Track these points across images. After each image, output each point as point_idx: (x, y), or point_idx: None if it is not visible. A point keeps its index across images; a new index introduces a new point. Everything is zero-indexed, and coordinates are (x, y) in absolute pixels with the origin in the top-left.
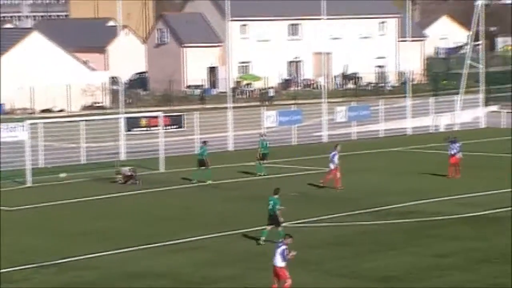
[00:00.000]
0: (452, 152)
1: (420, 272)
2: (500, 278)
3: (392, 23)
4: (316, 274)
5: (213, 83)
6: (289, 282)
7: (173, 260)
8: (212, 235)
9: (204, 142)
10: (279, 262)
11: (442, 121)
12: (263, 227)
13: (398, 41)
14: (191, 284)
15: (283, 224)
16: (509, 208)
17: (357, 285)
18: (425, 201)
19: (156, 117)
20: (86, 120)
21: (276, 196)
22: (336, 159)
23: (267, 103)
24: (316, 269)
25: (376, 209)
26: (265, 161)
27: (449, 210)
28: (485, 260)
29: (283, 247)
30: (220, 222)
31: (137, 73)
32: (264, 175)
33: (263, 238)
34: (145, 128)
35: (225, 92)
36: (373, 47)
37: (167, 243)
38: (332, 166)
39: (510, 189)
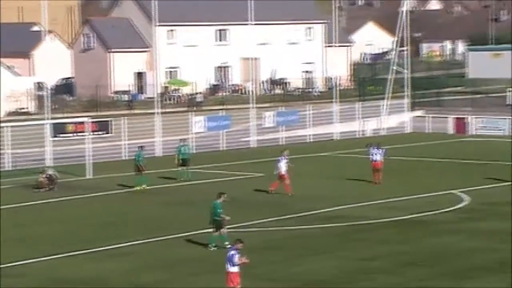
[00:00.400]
0: (375, 158)
1: (347, 276)
2: (425, 281)
3: (318, 29)
4: (246, 278)
5: (141, 89)
6: None
7: (101, 266)
8: (142, 241)
9: (141, 147)
10: (228, 267)
11: (368, 126)
12: (196, 232)
13: (325, 46)
14: None
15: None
16: (435, 212)
17: None
18: (351, 205)
19: (82, 122)
20: (11, 126)
21: (219, 201)
22: (284, 164)
23: (195, 108)
24: (246, 273)
25: (304, 214)
26: (186, 167)
27: (375, 214)
28: (411, 263)
29: (232, 252)
30: (150, 228)
31: (63, 79)
32: (188, 180)
33: (213, 244)
34: (71, 134)
35: (152, 98)
36: (300, 53)
37: (96, 249)
38: (281, 171)
39: (435, 193)
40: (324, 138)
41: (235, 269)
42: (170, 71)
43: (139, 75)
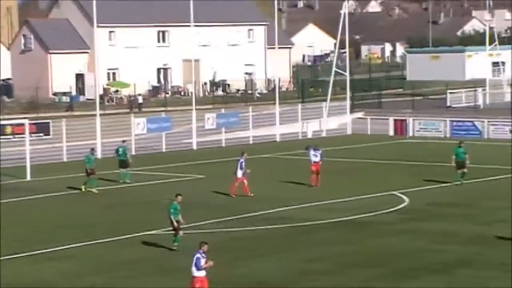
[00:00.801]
0: (314, 159)
1: (290, 277)
2: (368, 282)
3: (260, 31)
4: (185, 281)
5: (81, 90)
6: None
7: (41, 269)
8: (80, 243)
9: (92, 150)
10: (194, 271)
11: (310, 128)
12: (138, 234)
13: (266, 48)
14: None
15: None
16: (376, 213)
17: None
18: (293, 207)
19: (22, 124)
20: None
21: (177, 202)
22: (243, 166)
23: (136, 110)
24: (185, 276)
25: (247, 215)
26: (125, 168)
27: (318, 216)
28: (354, 264)
29: (198, 255)
30: (88, 230)
31: (1, 80)
32: (128, 182)
33: (176, 244)
34: (10, 136)
35: (93, 99)
36: (242, 55)
37: (34, 252)
38: (239, 174)
39: (376, 194)
40: (266, 140)
41: (201, 273)
42: (111, 73)
43: (79, 77)
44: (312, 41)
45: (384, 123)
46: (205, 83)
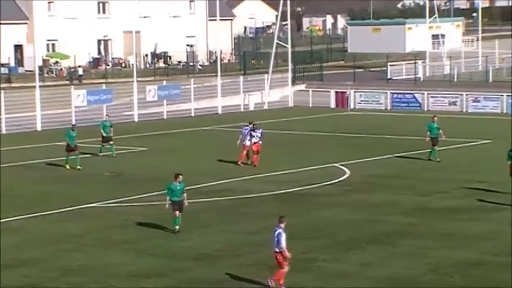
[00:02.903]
0: (254, 141)
1: (232, 249)
2: (309, 253)
3: (201, 3)
4: (129, 253)
5: (20, 62)
6: (284, 270)
7: None
8: (23, 216)
9: (73, 125)
10: (275, 246)
11: (251, 100)
12: (80, 207)
13: (208, 20)
14: (2, 267)
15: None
16: (317, 185)
17: (172, 263)
18: (235, 179)
19: None
20: None
21: (178, 181)
22: (254, 135)
23: (76, 82)
24: (129, 248)
25: (188, 188)
26: (108, 142)
27: (260, 188)
28: (296, 236)
29: (279, 230)
30: (31, 203)
31: None
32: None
33: (177, 227)
34: None
35: (32, 71)
36: (183, 26)
37: None
38: (248, 142)
39: (317, 166)
40: (208, 112)
41: (282, 246)
42: (50, 44)
43: (18, 48)
44: (254, 12)
45: (325, 95)
46: (146, 55)
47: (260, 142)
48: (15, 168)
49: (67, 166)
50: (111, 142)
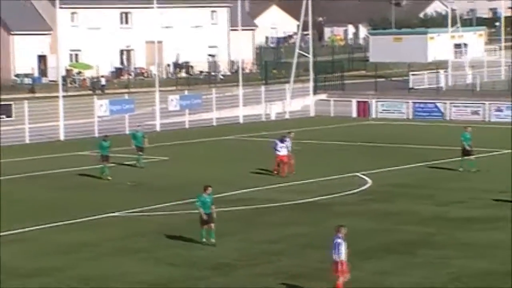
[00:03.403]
0: (283, 153)
1: (250, 259)
2: (325, 263)
3: (223, 13)
4: (148, 262)
5: (43, 72)
6: (343, 278)
7: (1, 252)
8: (42, 226)
9: (105, 136)
10: (335, 256)
11: (273, 110)
12: (94, 218)
13: (229, 30)
14: (20, 277)
15: None
16: (338, 194)
17: (190, 272)
18: (256, 188)
19: None
20: None
21: (208, 193)
22: (289, 146)
23: (99, 92)
24: (148, 257)
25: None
26: (141, 153)
27: (280, 197)
28: (313, 245)
29: (337, 240)
30: (51, 213)
31: None
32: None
33: (204, 240)
34: None
35: (55, 81)
36: (205, 36)
37: None
38: (283, 152)
39: (339, 176)
40: (229, 122)
41: (342, 256)
42: (74, 54)
43: (42, 58)
44: (276, 22)
45: (347, 104)
46: (168, 65)
47: (288, 154)
48: (37, 178)
49: (103, 177)
50: (141, 153)
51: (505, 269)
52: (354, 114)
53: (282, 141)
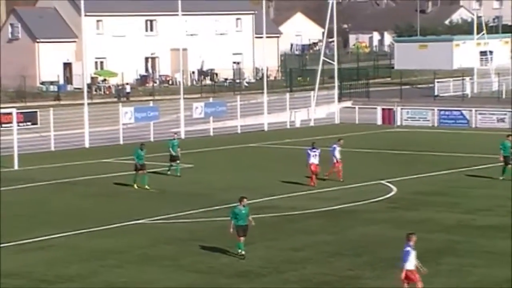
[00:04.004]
0: (313, 161)
1: (275, 266)
2: (353, 271)
3: (248, 20)
4: (171, 269)
5: (68, 79)
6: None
7: (25, 258)
8: (67, 233)
9: (142, 145)
10: (405, 264)
11: (298, 117)
12: (122, 224)
13: (254, 37)
14: (45, 282)
15: None
16: (363, 202)
17: (214, 280)
18: (281, 196)
19: (9, 113)
20: None
21: (243, 205)
22: (338, 152)
23: (123, 99)
24: (172, 264)
25: (232, 205)
26: (175, 162)
27: (305, 205)
28: (339, 253)
29: (407, 248)
30: (75, 220)
31: None
32: (178, 175)
33: (240, 250)
34: None
35: (80, 88)
36: (230, 44)
37: (20, 241)
38: (335, 159)
39: (363, 183)
40: (254, 129)
41: (411, 265)
42: (99, 62)
43: (67, 66)
44: (300, 30)
45: (372, 112)
46: (193, 72)
47: (338, 161)
48: (62, 185)
49: (135, 186)
50: (178, 161)
51: None
52: (379, 122)
53: (312, 149)
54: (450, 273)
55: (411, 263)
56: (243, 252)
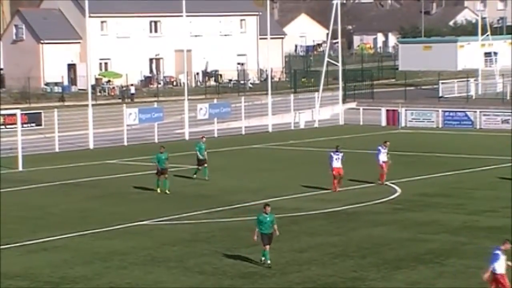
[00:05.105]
0: (336, 165)
1: (280, 267)
2: (357, 272)
3: (252, 21)
4: (176, 271)
5: (73, 80)
6: None
7: (29, 260)
8: (71, 234)
9: (162, 147)
10: (495, 268)
11: (302, 118)
12: (127, 225)
13: (259, 38)
14: (49, 284)
15: None
16: (367, 203)
17: (219, 281)
18: (284, 197)
19: (13, 114)
20: None
21: (267, 212)
22: (384, 155)
23: (128, 100)
24: (177, 266)
25: (236, 206)
26: (203, 165)
27: (309, 206)
28: (344, 254)
29: (496, 251)
30: (80, 221)
31: None
32: (207, 179)
33: (263, 258)
34: (2, 126)
35: (85, 90)
36: (234, 45)
37: (24, 243)
38: (380, 162)
39: (368, 184)
40: (258, 130)
41: (502, 270)
42: (103, 63)
43: (71, 67)
44: (305, 31)
45: (376, 113)
46: (197, 73)
47: (384, 162)
48: (66, 186)
49: (158, 190)
50: (205, 165)
51: None
52: (384, 123)
53: (336, 152)
54: (455, 274)
55: (502, 267)
56: (268, 261)
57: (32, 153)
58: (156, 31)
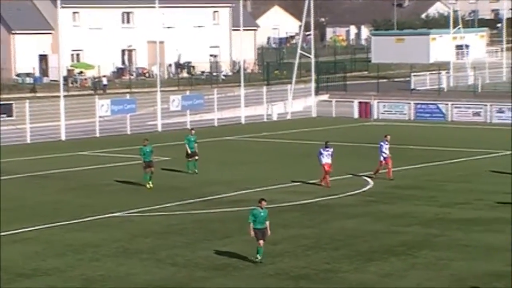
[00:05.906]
0: (326, 161)
1: (253, 259)
2: (330, 264)
3: (225, 13)
4: (149, 263)
5: (45, 71)
6: None
7: (2, 252)
8: (43, 226)
9: (146, 140)
10: None
11: (275, 110)
12: (98, 217)
13: (231, 30)
14: (22, 276)
15: None
16: (339, 195)
17: (192, 273)
18: (256, 189)
19: None
20: None
21: (262, 207)
22: (385, 149)
23: (100, 92)
24: (149, 258)
25: (208, 198)
26: (193, 158)
27: (281, 198)
28: (316, 246)
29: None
30: (51, 213)
31: None
32: (196, 172)
33: (259, 256)
34: None
35: (57, 81)
36: (207, 37)
37: None
38: (382, 156)
39: (340, 177)
40: (231, 122)
41: None
42: (75, 54)
43: (43, 58)
44: (277, 23)
45: (349, 105)
46: (170, 65)
47: (387, 157)
48: (37, 178)
49: (147, 186)
50: (196, 158)
51: (506, 271)
52: (356, 115)
53: (325, 148)
54: (427, 266)
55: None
56: (259, 256)
57: (4, 145)
58: (128, 22)
